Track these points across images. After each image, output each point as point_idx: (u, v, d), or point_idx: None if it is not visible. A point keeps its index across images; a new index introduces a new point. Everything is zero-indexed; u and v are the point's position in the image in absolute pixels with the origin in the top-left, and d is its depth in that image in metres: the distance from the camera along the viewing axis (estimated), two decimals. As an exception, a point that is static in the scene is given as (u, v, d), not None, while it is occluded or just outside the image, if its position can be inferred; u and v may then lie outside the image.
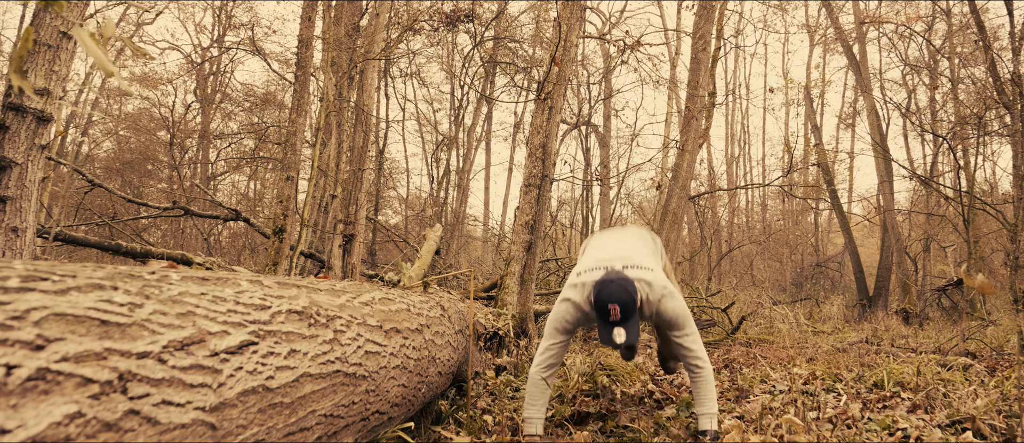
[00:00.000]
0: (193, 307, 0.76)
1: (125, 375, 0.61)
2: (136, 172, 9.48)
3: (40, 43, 1.95)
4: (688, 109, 5.82)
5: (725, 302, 5.97)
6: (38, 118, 1.99)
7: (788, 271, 12.52)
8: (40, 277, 0.61)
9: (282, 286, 1.02)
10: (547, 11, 8.45)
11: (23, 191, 1.97)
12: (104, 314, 0.63)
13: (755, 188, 13.72)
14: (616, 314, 1.48)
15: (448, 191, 10.87)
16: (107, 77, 0.64)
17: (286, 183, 2.95)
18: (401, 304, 1.48)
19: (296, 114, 3.03)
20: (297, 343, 0.92)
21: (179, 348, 0.69)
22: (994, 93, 5.90)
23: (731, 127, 15.00)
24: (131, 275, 0.73)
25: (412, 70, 10.89)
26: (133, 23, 10.38)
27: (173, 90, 11.00)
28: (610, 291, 1.50)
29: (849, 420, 1.83)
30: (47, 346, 0.55)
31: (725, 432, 1.64)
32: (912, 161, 11.68)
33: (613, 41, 7.97)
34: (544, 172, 3.39)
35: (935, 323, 6.54)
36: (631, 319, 1.49)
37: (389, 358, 1.25)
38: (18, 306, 0.56)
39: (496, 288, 3.73)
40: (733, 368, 3.12)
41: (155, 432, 0.63)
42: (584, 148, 11.81)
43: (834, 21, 10.19)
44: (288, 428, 0.86)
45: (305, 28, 3.12)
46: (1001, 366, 2.88)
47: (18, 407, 0.51)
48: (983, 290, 1.02)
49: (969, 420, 1.74)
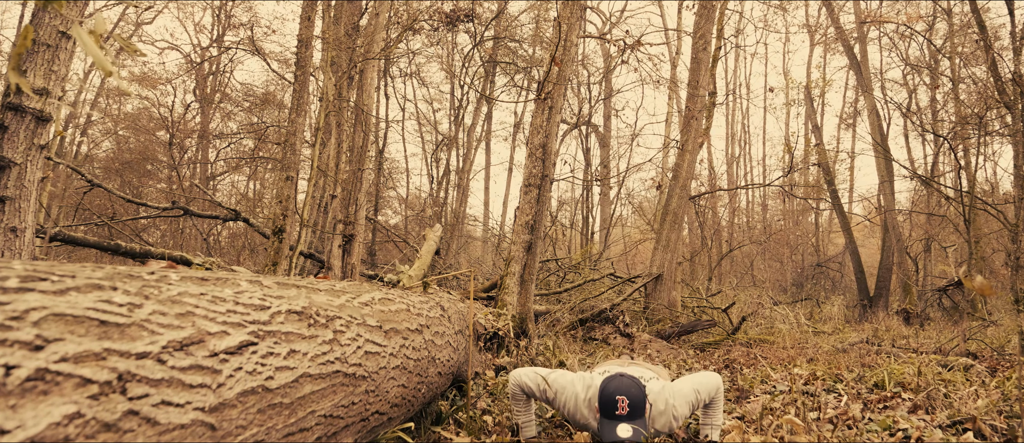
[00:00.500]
0: (192, 307, 0.76)
1: (124, 375, 0.61)
2: (135, 172, 9.47)
3: (39, 42, 1.95)
4: (688, 109, 5.81)
5: (725, 302, 5.97)
6: (37, 118, 1.99)
7: (788, 271, 12.51)
8: (39, 277, 0.61)
9: (281, 286, 1.02)
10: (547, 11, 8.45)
11: (22, 191, 1.97)
12: (103, 314, 0.63)
13: (755, 188, 13.72)
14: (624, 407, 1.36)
15: (448, 191, 10.87)
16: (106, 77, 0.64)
17: (285, 183, 2.95)
18: (401, 304, 1.48)
19: (296, 114, 3.03)
20: (297, 343, 0.92)
21: (178, 348, 0.69)
22: (995, 93, 5.89)
23: (731, 127, 15.00)
24: (130, 275, 0.73)
25: (412, 70, 10.90)
26: (132, 23, 10.38)
27: (172, 90, 11.00)
28: (619, 383, 1.40)
29: (850, 420, 1.83)
30: (46, 346, 0.55)
31: (726, 432, 1.64)
32: (913, 161, 11.67)
33: (613, 41, 7.97)
34: (544, 172, 3.38)
35: (936, 323, 6.53)
36: (639, 418, 1.38)
37: (389, 358, 1.25)
38: (17, 306, 0.56)
39: (496, 288, 3.73)
40: (734, 368, 3.12)
41: (154, 433, 0.63)
42: (584, 148, 11.81)
43: (835, 21, 10.19)
44: (288, 428, 0.86)
45: (305, 28, 3.12)
46: (1002, 366, 2.88)
47: (17, 408, 0.51)
48: (982, 292, 1.02)
49: (970, 420, 1.74)
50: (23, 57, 1.92)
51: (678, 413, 1.52)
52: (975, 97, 8.08)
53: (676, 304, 5.31)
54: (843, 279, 11.64)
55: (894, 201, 9.30)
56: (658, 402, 1.50)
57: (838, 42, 10.64)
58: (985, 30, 5.87)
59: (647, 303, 5.18)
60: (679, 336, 4.41)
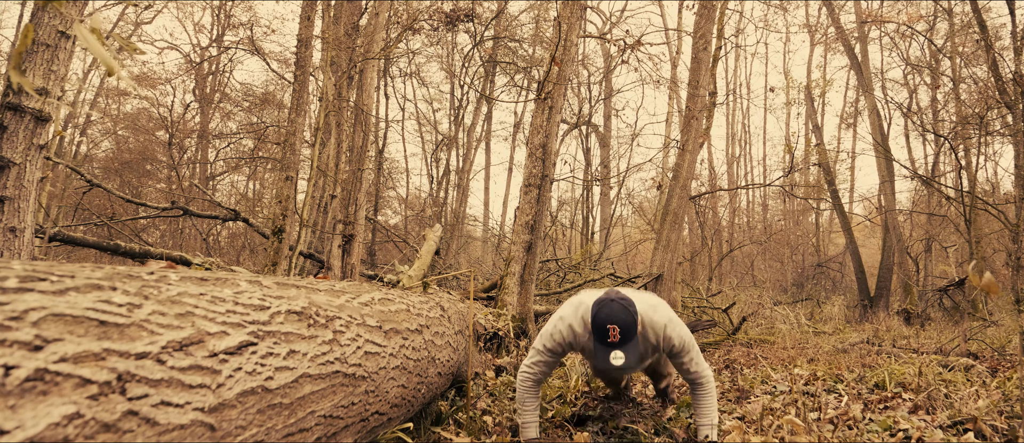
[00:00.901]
0: (192, 307, 0.75)
1: (124, 376, 0.61)
2: (135, 172, 9.45)
3: (38, 42, 1.94)
4: (689, 109, 5.81)
5: (726, 302, 5.96)
6: (36, 118, 1.98)
7: (789, 271, 12.51)
8: (38, 277, 0.61)
9: (281, 286, 1.02)
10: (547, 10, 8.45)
11: (21, 191, 1.96)
12: (103, 314, 0.63)
13: (756, 188, 13.71)
14: (615, 335, 1.34)
15: (448, 191, 10.87)
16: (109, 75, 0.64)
17: (285, 183, 2.95)
18: (401, 305, 1.48)
19: (295, 114, 3.03)
20: (296, 344, 0.92)
21: (178, 349, 0.69)
22: (996, 93, 5.88)
23: (732, 127, 14.99)
24: (130, 275, 0.73)
25: (412, 70, 10.89)
26: (132, 22, 10.37)
27: (172, 90, 10.98)
28: (610, 310, 1.38)
29: (850, 421, 1.82)
30: (45, 347, 0.55)
31: (726, 433, 1.64)
32: (913, 161, 11.66)
33: (613, 40, 7.97)
34: (544, 172, 3.38)
35: (937, 324, 6.52)
36: (631, 342, 1.36)
37: (388, 359, 1.24)
38: (16, 306, 0.55)
39: (496, 288, 3.73)
40: (734, 369, 3.11)
41: (154, 433, 0.63)
42: (584, 148, 11.81)
43: (835, 20, 10.18)
44: (287, 429, 0.86)
45: (304, 27, 3.12)
46: (1003, 367, 2.87)
47: (16, 408, 0.51)
48: (989, 289, 1.02)
49: (971, 421, 1.74)
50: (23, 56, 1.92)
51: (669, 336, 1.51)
52: (976, 97, 8.07)
53: (676, 304, 5.30)
54: (844, 279, 11.64)
55: (895, 201, 9.30)
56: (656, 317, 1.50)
57: (838, 42, 10.63)
58: (986, 30, 5.86)
59: (647, 303, 5.15)
60: (679, 336, 4.39)
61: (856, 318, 7.97)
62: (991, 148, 10.73)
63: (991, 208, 6.64)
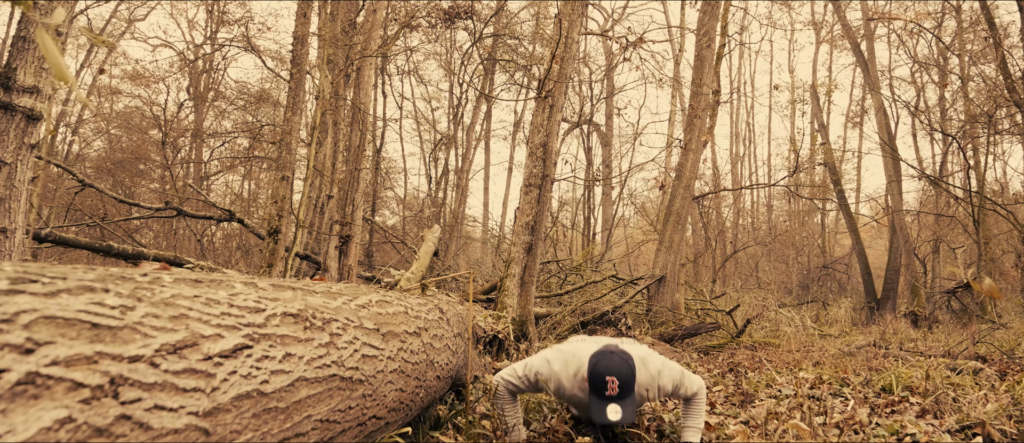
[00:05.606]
0: (186, 310, 0.75)
1: (117, 379, 0.61)
2: (128, 172, 9.36)
3: (28, 40, 1.93)
4: (692, 107, 5.77)
5: (730, 304, 5.92)
6: (27, 117, 1.96)
7: (794, 273, 12.40)
8: (30, 279, 0.61)
9: (277, 288, 1.01)
10: (548, 8, 8.42)
11: (12, 191, 1.94)
12: (95, 317, 0.62)
13: (760, 188, 13.62)
14: (614, 388, 1.33)
15: (446, 191, 10.87)
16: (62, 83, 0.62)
17: (281, 183, 2.96)
18: (399, 307, 1.47)
19: (291, 112, 3.03)
20: (292, 347, 0.91)
21: (172, 352, 0.69)
22: (1005, 91, 5.80)
23: (736, 126, 14.90)
24: (123, 277, 0.73)
25: (410, 68, 10.88)
26: (124, 19, 10.34)
27: (165, 88, 10.90)
28: (609, 362, 1.37)
29: (856, 425, 1.80)
30: (37, 350, 0.55)
31: (730, 437, 1.62)
32: (921, 160, 11.54)
33: (615, 38, 7.94)
34: (545, 172, 3.37)
35: (944, 326, 6.44)
36: (629, 397, 1.35)
37: (386, 362, 1.24)
38: (7, 309, 0.55)
39: (496, 290, 3.72)
40: (738, 372, 3.09)
41: (147, 437, 0.62)
42: (586, 147, 11.78)
43: (841, 18, 10.08)
44: (283, 433, 0.85)
45: (300, 24, 3.11)
46: (1012, 370, 2.83)
47: (7, 412, 0.51)
48: (990, 294, 1.00)
49: (979, 425, 1.71)
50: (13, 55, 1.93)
51: (663, 384, 1.52)
52: (984, 95, 7.97)
53: (679, 306, 5.27)
54: (850, 281, 11.53)
55: (902, 201, 9.19)
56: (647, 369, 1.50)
57: (845, 39, 10.54)
58: (994, 27, 5.79)
59: (650, 305, 5.14)
60: (682, 339, 4.37)
61: (862, 320, 7.89)
62: (1000, 147, 10.60)
63: (1000, 208, 6.55)
